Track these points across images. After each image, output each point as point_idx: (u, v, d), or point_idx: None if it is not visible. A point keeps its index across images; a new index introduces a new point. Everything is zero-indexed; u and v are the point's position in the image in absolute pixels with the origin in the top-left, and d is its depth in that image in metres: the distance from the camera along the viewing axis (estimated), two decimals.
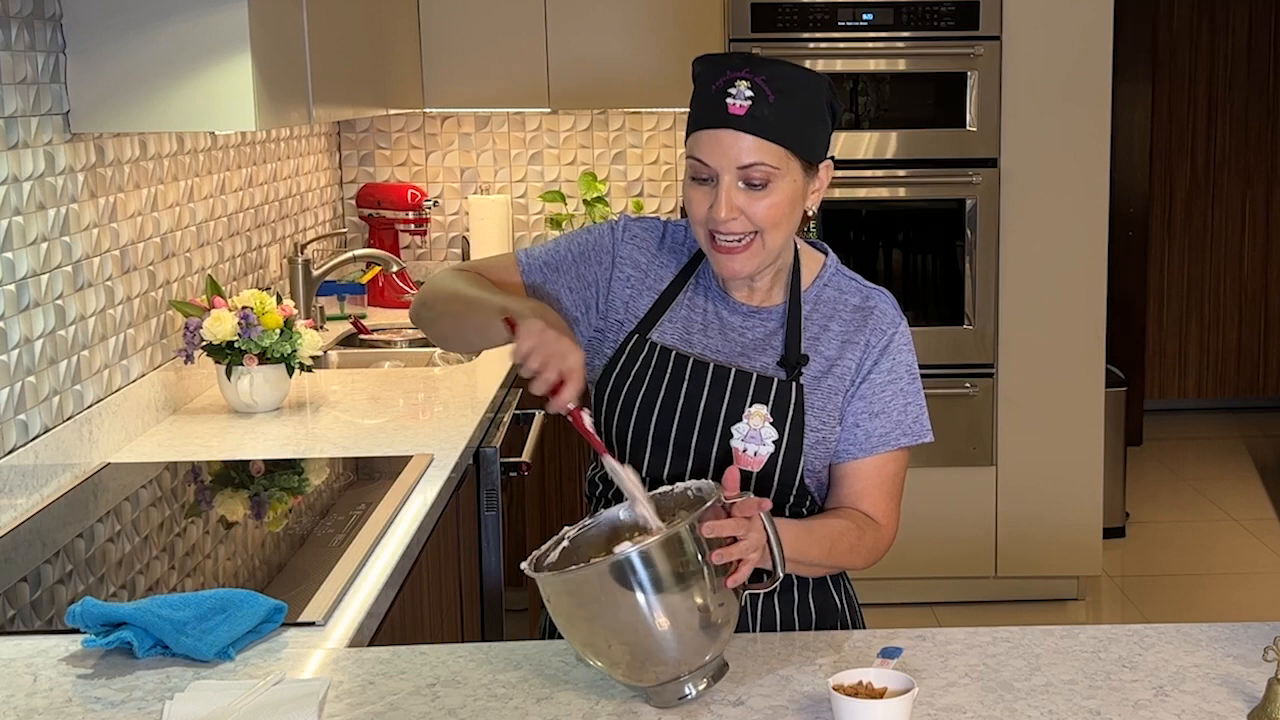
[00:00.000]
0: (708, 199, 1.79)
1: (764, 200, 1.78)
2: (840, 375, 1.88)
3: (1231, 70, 7.03)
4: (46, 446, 2.43)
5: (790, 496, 1.87)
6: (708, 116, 1.78)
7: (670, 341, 1.89)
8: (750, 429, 1.83)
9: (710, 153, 1.77)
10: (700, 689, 1.58)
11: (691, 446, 1.85)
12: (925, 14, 4.44)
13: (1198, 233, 7.14)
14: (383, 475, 2.53)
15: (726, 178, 1.77)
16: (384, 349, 3.98)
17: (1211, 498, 5.87)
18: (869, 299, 1.93)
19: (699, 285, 1.93)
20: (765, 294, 1.91)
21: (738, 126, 1.76)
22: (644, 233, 1.96)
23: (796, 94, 1.78)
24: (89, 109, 2.56)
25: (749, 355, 1.88)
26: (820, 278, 1.93)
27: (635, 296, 1.93)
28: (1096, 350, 4.61)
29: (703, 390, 1.85)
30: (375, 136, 4.80)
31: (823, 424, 1.87)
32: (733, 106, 1.76)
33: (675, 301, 1.92)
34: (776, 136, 1.77)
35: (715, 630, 1.57)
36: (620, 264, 1.93)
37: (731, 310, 1.91)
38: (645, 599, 1.52)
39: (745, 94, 1.75)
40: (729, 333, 1.90)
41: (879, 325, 1.90)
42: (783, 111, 1.77)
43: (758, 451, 1.83)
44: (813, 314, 1.90)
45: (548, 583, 1.57)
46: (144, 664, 1.73)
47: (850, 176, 4.53)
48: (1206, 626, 1.82)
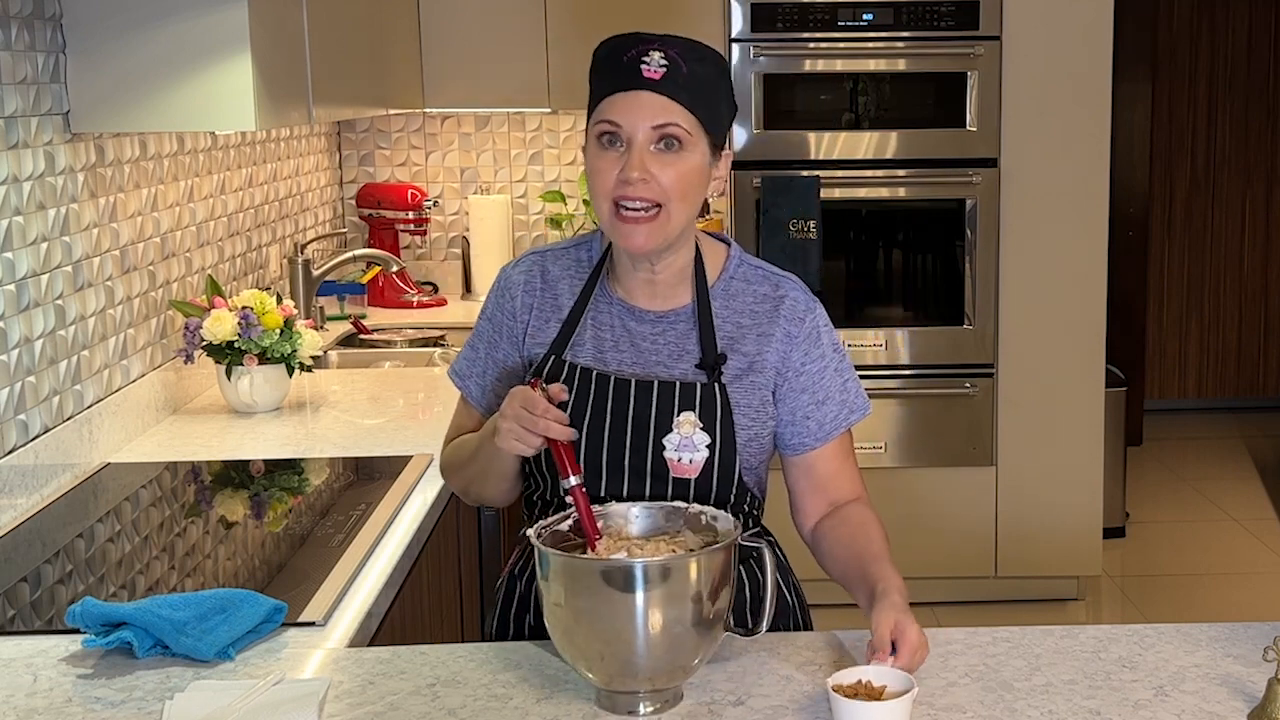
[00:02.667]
0: (617, 163, 1.78)
1: (673, 166, 1.77)
2: (762, 369, 1.87)
3: (1231, 70, 7.03)
4: (46, 446, 2.43)
5: (730, 497, 1.87)
6: (621, 81, 1.78)
7: (586, 362, 1.88)
8: (682, 438, 1.82)
9: (624, 112, 1.77)
10: (651, 710, 1.58)
11: (626, 464, 1.83)
12: (925, 14, 4.44)
13: (1198, 233, 7.14)
14: (383, 475, 2.54)
15: (639, 138, 1.77)
16: (384, 349, 3.98)
17: (1211, 498, 5.87)
18: (779, 287, 1.91)
19: (599, 303, 1.90)
20: (670, 295, 1.89)
21: (653, 89, 1.77)
22: (525, 274, 1.94)
23: (707, 71, 1.80)
24: (89, 109, 2.56)
25: (666, 364, 1.87)
26: (726, 270, 1.92)
27: (541, 327, 1.92)
28: (1096, 350, 4.61)
29: (628, 407, 1.83)
30: (375, 136, 4.80)
31: (753, 420, 1.86)
32: (647, 71, 1.77)
33: (580, 323, 1.89)
34: (689, 103, 1.78)
35: (687, 658, 1.58)
36: (520, 313, 1.93)
37: (639, 320, 1.89)
38: (640, 609, 1.52)
39: (660, 62, 1.77)
40: (640, 344, 1.88)
41: (794, 313, 1.89)
42: (695, 82, 1.78)
43: (692, 459, 1.82)
44: (723, 310, 1.89)
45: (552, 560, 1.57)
46: (144, 664, 1.73)
47: (850, 176, 4.53)
48: (1206, 626, 1.82)
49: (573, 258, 1.94)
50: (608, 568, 1.54)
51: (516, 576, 1.98)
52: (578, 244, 1.96)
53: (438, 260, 4.84)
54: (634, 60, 1.77)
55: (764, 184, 4.45)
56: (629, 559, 1.57)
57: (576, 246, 1.96)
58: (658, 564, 1.54)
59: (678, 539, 1.66)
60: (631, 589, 1.52)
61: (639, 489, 1.83)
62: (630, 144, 1.77)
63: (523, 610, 1.96)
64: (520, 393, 1.74)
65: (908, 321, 4.61)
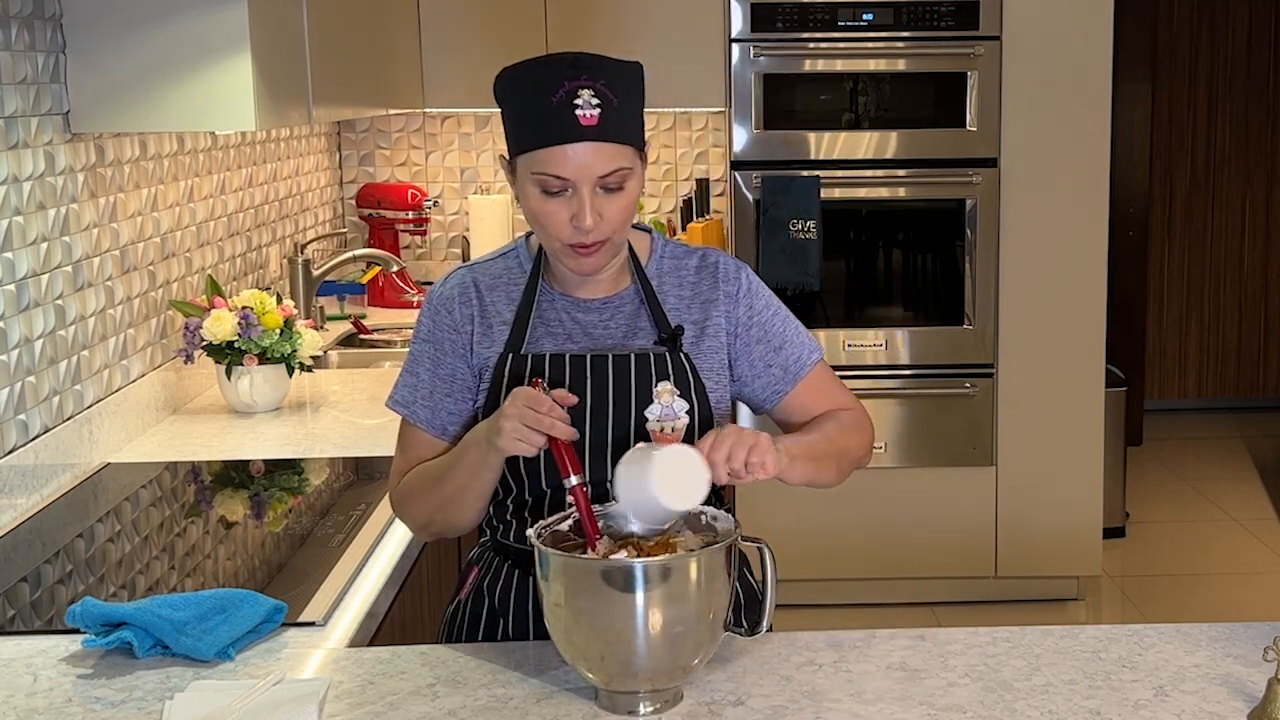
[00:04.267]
0: (567, 209, 1.77)
1: (619, 201, 1.79)
2: (715, 334, 1.91)
3: (1231, 70, 7.03)
4: (46, 446, 2.43)
5: None
6: (557, 131, 1.74)
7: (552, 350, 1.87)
8: (663, 407, 1.84)
9: (567, 166, 1.75)
10: (651, 710, 1.58)
11: (609, 441, 1.83)
12: (925, 14, 4.44)
13: (1198, 233, 7.14)
14: (383, 475, 2.53)
15: (585, 188, 1.76)
16: (384, 349, 3.98)
17: (1211, 498, 5.87)
18: (706, 257, 1.96)
19: (541, 302, 1.90)
20: (609, 282, 1.91)
21: (594, 138, 1.74)
22: (457, 287, 1.92)
23: (632, 90, 1.80)
24: (89, 109, 2.56)
25: (623, 345, 1.89)
26: (655, 252, 1.95)
27: (486, 334, 1.89)
28: (1096, 350, 4.61)
29: (606, 383, 1.84)
30: (375, 136, 4.80)
31: (716, 384, 1.91)
32: (584, 118, 1.73)
33: (529, 324, 1.88)
34: (627, 139, 1.78)
35: (687, 658, 1.58)
36: (462, 324, 1.90)
37: (584, 310, 1.90)
38: (640, 609, 1.52)
39: (593, 103, 1.73)
40: (593, 331, 1.89)
41: (728, 274, 1.94)
42: (625, 112, 1.77)
43: (674, 427, 1.84)
44: (661, 286, 1.92)
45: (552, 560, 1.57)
46: (144, 664, 1.74)
47: (850, 176, 4.53)
48: (1206, 626, 1.82)
49: (501, 267, 1.94)
50: (608, 568, 1.54)
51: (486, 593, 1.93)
52: (503, 254, 1.96)
53: (438, 260, 4.84)
54: (565, 103, 1.73)
55: (764, 184, 4.44)
56: (629, 559, 1.57)
57: (502, 256, 1.95)
58: (658, 564, 1.54)
59: (677, 539, 1.66)
60: (631, 589, 1.52)
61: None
62: (577, 192, 1.76)
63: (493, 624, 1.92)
64: (523, 392, 1.73)
65: (908, 321, 4.61)
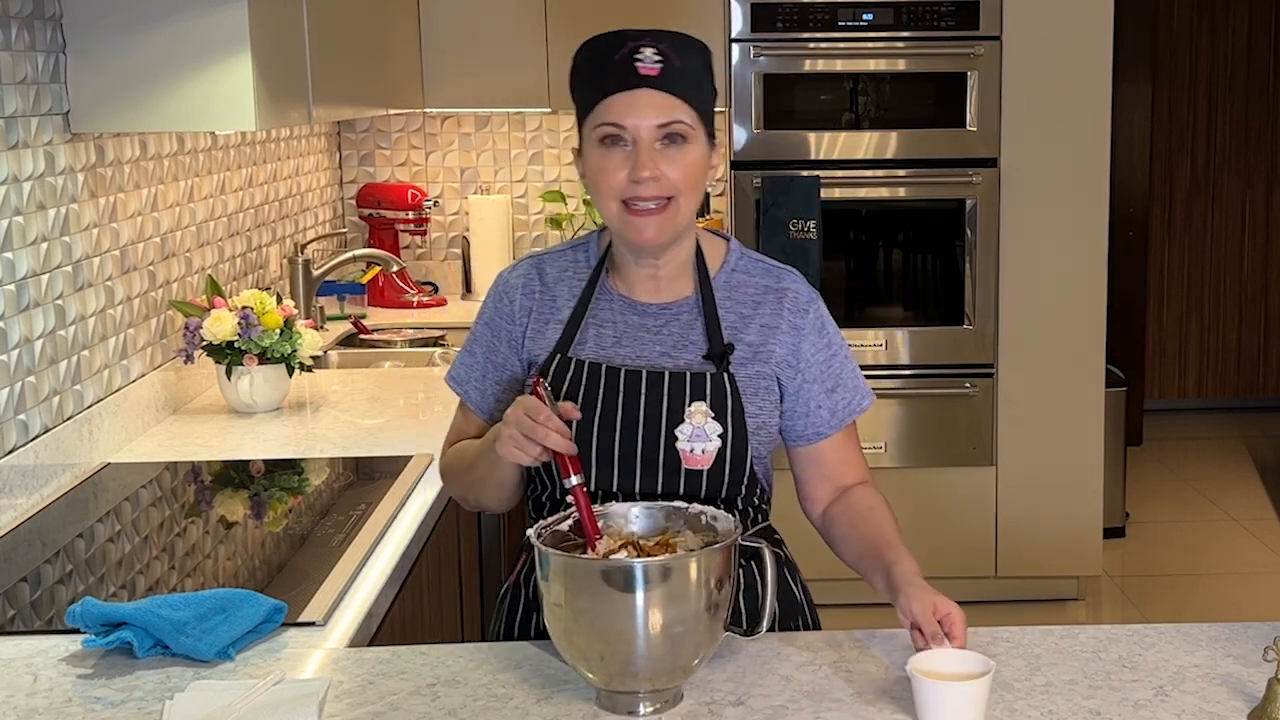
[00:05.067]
0: (625, 162, 1.78)
1: (680, 160, 1.78)
2: (767, 360, 1.88)
3: (1231, 70, 7.03)
4: (46, 446, 2.43)
5: (742, 489, 1.87)
6: (618, 81, 1.77)
7: (591, 359, 1.88)
8: (694, 428, 1.82)
9: (626, 112, 1.76)
10: (651, 710, 1.58)
11: (638, 457, 1.83)
12: (925, 14, 4.44)
13: (1198, 233, 7.14)
14: (383, 475, 2.54)
15: (645, 136, 1.77)
16: (384, 349, 3.98)
17: (1211, 498, 5.87)
18: (781, 279, 1.92)
19: (600, 300, 1.91)
20: (671, 287, 1.89)
21: (653, 85, 1.76)
22: (522, 277, 1.94)
23: (697, 62, 1.81)
24: (89, 109, 2.56)
25: (670, 355, 1.87)
26: (727, 263, 1.92)
27: (540, 329, 1.91)
28: (1096, 350, 4.61)
29: (638, 400, 1.83)
30: (375, 136, 4.80)
31: (759, 409, 1.86)
32: (643, 68, 1.76)
33: (582, 323, 1.89)
34: (688, 96, 1.78)
35: (688, 658, 1.57)
36: (519, 316, 1.92)
37: (641, 314, 1.89)
38: (640, 609, 1.52)
39: (654, 58, 1.76)
40: (644, 336, 1.88)
41: (798, 305, 1.90)
42: (689, 75, 1.79)
43: (704, 449, 1.82)
44: (726, 300, 1.89)
45: (552, 560, 1.57)
46: (144, 664, 1.73)
47: (850, 176, 4.53)
48: (1206, 626, 1.82)
49: (569, 259, 1.95)
50: (608, 568, 1.54)
51: (523, 584, 1.96)
52: (574, 246, 1.96)
53: (438, 260, 4.84)
54: (626, 59, 1.76)
55: (764, 184, 4.44)
56: (629, 559, 1.57)
57: (573, 248, 1.96)
58: (658, 564, 1.54)
59: (678, 539, 1.66)
60: (632, 589, 1.52)
61: (651, 483, 1.83)
62: (636, 143, 1.77)
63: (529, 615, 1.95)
64: (523, 401, 1.73)
65: (908, 321, 4.61)
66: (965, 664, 1.55)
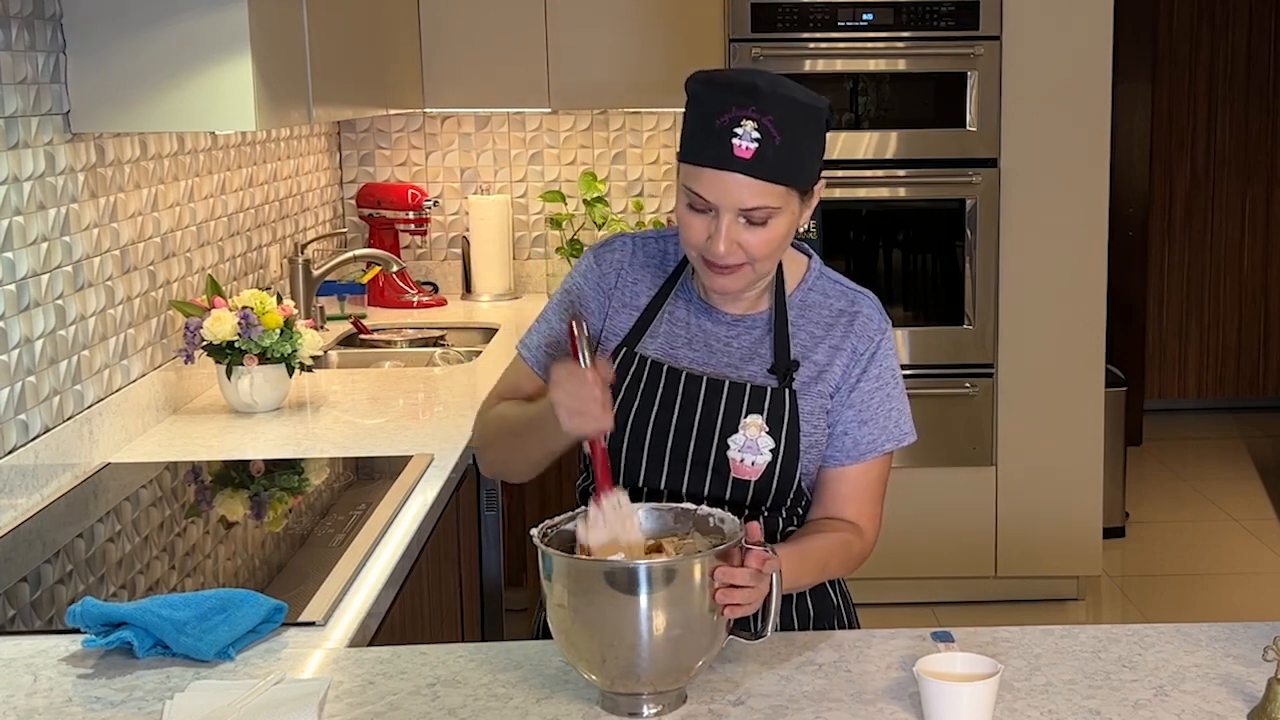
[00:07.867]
0: (705, 229, 1.77)
1: (762, 235, 1.76)
2: (828, 381, 1.88)
3: (1231, 70, 7.03)
4: (46, 446, 2.43)
5: (787, 501, 1.88)
6: (711, 154, 1.73)
7: (657, 356, 1.89)
8: (747, 439, 1.83)
9: (711, 190, 1.74)
10: (653, 712, 1.58)
11: (688, 459, 1.85)
12: (925, 14, 4.44)
13: (1198, 233, 7.14)
14: (383, 475, 2.54)
15: (727, 216, 1.75)
16: (384, 349, 3.98)
17: (1211, 498, 5.87)
18: (854, 303, 1.92)
19: (679, 299, 1.92)
20: (750, 302, 1.90)
21: (744, 170, 1.72)
22: (614, 255, 1.95)
23: (802, 130, 1.75)
24: (89, 109, 2.56)
25: (736, 366, 1.88)
26: (805, 282, 1.92)
27: (614, 315, 1.92)
28: (1096, 350, 4.61)
29: (697, 403, 1.85)
30: (375, 136, 4.79)
31: (814, 428, 1.87)
32: (739, 149, 1.71)
33: (656, 317, 1.90)
34: (781, 179, 1.74)
35: (690, 661, 1.57)
36: (613, 290, 1.93)
37: (715, 321, 1.90)
38: (643, 611, 1.52)
39: (752, 135, 1.71)
40: (713, 344, 1.89)
41: (865, 331, 1.90)
42: (788, 151, 1.73)
43: (755, 461, 1.83)
44: (799, 319, 1.89)
45: (554, 561, 1.57)
46: (144, 664, 1.73)
47: (850, 176, 4.53)
48: (1206, 626, 1.82)
49: (659, 248, 1.95)
50: (611, 569, 1.54)
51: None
52: (664, 235, 1.95)
53: (438, 260, 4.84)
54: (726, 129, 1.71)
55: None
56: (632, 561, 1.57)
57: (662, 238, 1.95)
58: (661, 566, 1.54)
59: (685, 541, 1.66)
60: (635, 591, 1.52)
61: (698, 484, 1.85)
62: (719, 216, 1.75)
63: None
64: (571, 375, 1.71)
65: (908, 321, 4.61)
66: (972, 666, 1.55)
